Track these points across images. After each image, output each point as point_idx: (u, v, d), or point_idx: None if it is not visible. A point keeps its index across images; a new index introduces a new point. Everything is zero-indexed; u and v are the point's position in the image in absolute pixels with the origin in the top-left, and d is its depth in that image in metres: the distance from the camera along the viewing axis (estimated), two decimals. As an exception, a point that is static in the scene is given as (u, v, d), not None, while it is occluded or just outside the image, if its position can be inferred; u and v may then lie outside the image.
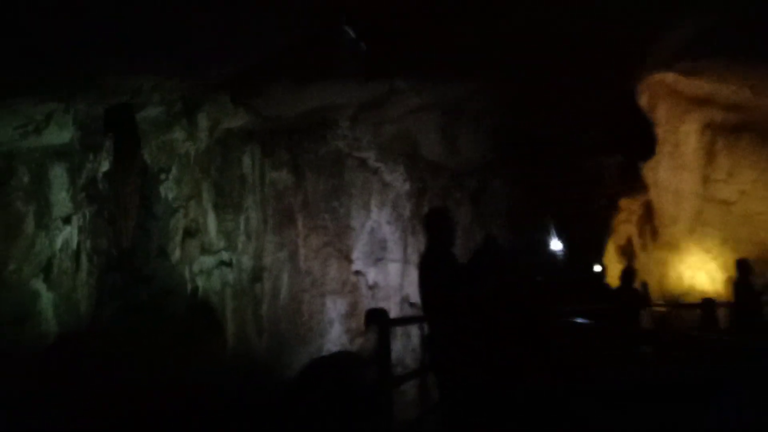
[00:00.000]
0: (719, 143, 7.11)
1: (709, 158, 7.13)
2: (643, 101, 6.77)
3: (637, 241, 7.39)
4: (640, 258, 7.31)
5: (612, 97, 6.39)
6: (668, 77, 6.60)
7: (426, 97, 5.57)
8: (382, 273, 6.20)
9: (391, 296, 6.18)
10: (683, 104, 7.00)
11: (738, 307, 5.13)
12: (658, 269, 7.16)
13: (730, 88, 6.36)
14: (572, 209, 6.29)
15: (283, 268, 5.97)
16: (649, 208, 7.26)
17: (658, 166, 7.07)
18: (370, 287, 6.17)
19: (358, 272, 6.16)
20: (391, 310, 5.67)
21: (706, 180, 7.07)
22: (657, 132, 6.91)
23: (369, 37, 4.58)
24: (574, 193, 6.37)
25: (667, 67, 6.32)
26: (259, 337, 5.87)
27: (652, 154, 6.90)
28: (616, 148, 6.74)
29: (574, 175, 6.42)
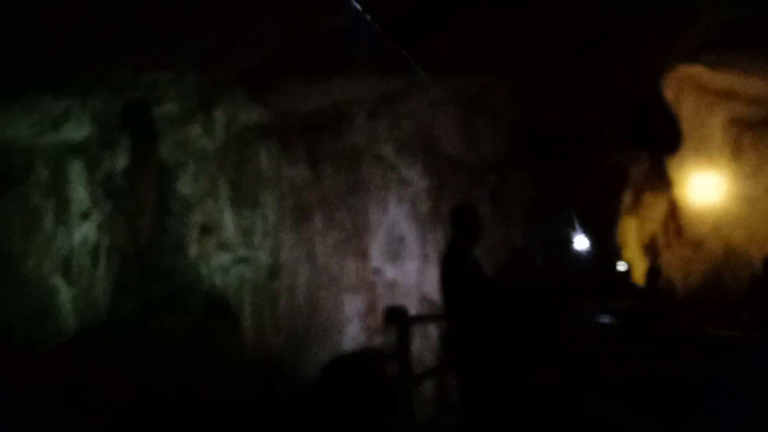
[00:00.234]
0: (746, 138, 6.97)
1: (736, 153, 6.99)
2: (668, 95, 6.64)
3: (661, 239, 7.25)
4: (664, 256, 7.16)
5: (635, 91, 6.27)
6: (693, 70, 6.47)
7: (444, 91, 5.50)
8: (400, 270, 6.12)
9: (410, 294, 6.10)
10: (709, 98, 6.86)
11: (760, 305, 4.98)
12: (683, 267, 7.01)
13: (757, 83, 6.22)
14: (595, 206, 6.17)
15: (301, 265, 5.93)
16: (673, 205, 7.12)
17: (682, 162, 6.94)
18: (388, 284, 6.10)
19: (375, 269, 6.10)
20: (409, 307, 5.60)
21: (733, 176, 6.93)
22: (682, 127, 6.77)
23: (387, 29, 4.53)
24: (596, 190, 6.26)
25: (693, 59, 6.19)
26: (277, 335, 5.83)
27: (677, 149, 6.75)
28: (639, 143, 6.61)
29: (597, 171, 6.30)
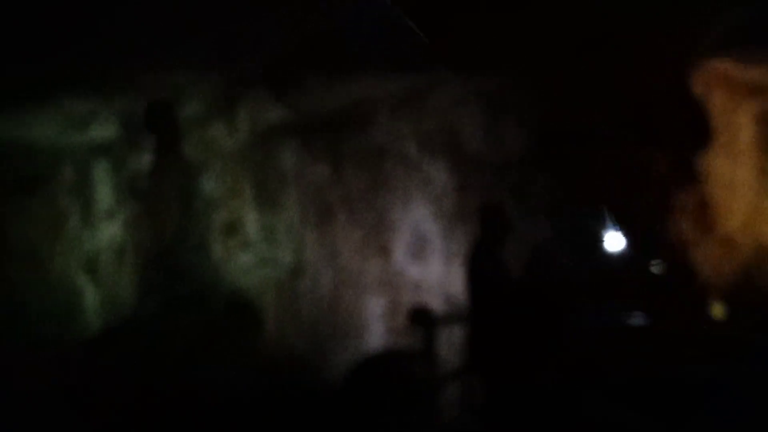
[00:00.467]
0: (777, 134, 6.84)
1: (766, 149, 6.86)
2: (697, 90, 6.53)
3: (690, 237, 7.11)
4: (694, 254, 7.03)
5: (663, 86, 6.18)
6: (723, 64, 6.35)
7: (468, 89, 5.49)
8: (424, 270, 6.08)
9: (434, 294, 6.05)
10: (739, 93, 6.73)
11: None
12: (713, 265, 6.88)
13: (789, 77, 6.11)
14: (623, 203, 6.07)
15: (323, 265, 5.93)
16: (702, 202, 6.98)
17: (712, 158, 6.80)
18: (412, 284, 6.06)
19: (399, 269, 6.06)
20: (433, 307, 5.58)
21: (763, 172, 6.79)
22: (711, 122, 6.64)
23: (412, 24, 4.52)
24: (624, 187, 6.15)
25: (723, 54, 6.09)
26: (299, 335, 5.83)
27: (707, 145, 6.62)
28: (668, 140, 6.49)
29: (624, 168, 6.20)
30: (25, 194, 5.86)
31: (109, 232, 5.92)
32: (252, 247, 5.87)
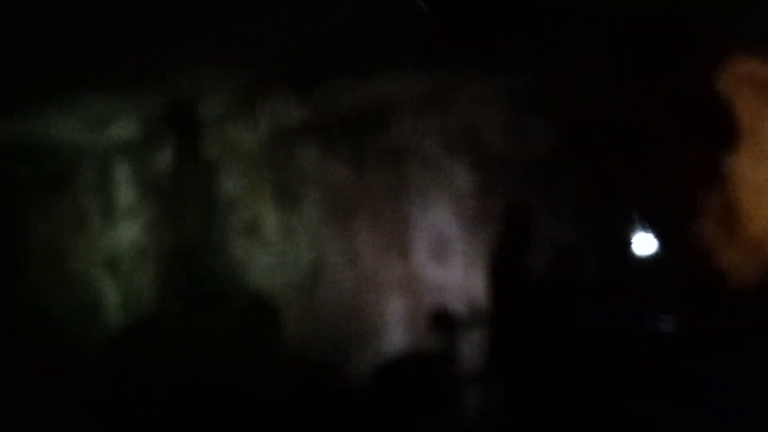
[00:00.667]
0: (805, 135, 6.70)
1: (795, 151, 6.73)
2: (724, 89, 6.42)
3: (716, 240, 6.99)
4: (720, 258, 6.91)
5: (690, 85, 6.09)
6: (751, 63, 6.23)
7: (492, 87, 5.44)
8: (445, 271, 6.02)
9: (455, 296, 5.99)
10: (767, 93, 6.62)
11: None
12: (740, 267, 6.76)
13: (818, 77, 5.98)
14: (648, 205, 5.97)
15: (343, 266, 5.90)
16: (730, 203, 6.86)
17: (738, 159, 6.68)
18: (433, 286, 6.01)
19: (420, 270, 6.01)
20: (454, 310, 5.54)
21: (792, 174, 6.67)
22: (738, 122, 6.53)
23: (436, 22, 4.47)
24: (650, 188, 6.06)
25: (750, 52, 5.98)
26: (320, 336, 5.81)
27: (734, 145, 6.50)
28: (694, 139, 6.39)
29: (650, 169, 6.10)
30: (47, 193, 5.91)
31: (131, 232, 5.95)
32: (272, 248, 5.87)
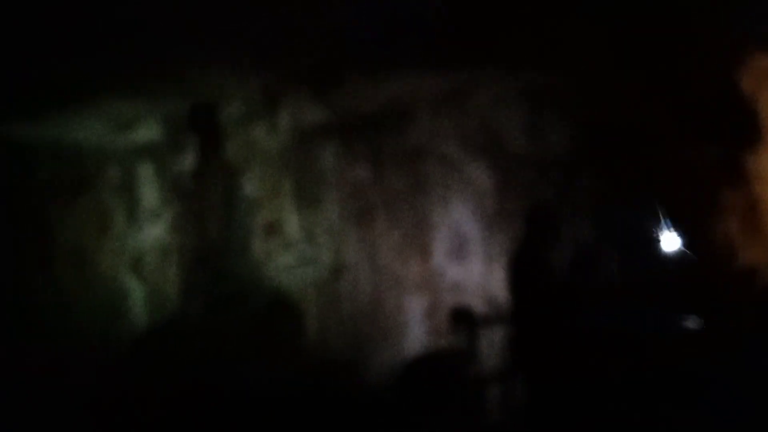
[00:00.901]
0: (828, 133, 6.60)
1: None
2: (745, 87, 6.36)
3: (738, 239, 6.91)
4: (742, 257, 6.83)
5: (711, 84, 6.03)
6: (773, 61, 6.17)
7: (510, 87, 5.44)
8: (464, 271, 6.04)
9: (473, 295, 6.00)
10: (789, 90, 6.54)
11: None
12: (762, 266, 6.68)
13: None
14: (669, 204, 5.93)
15: (363, 265, 5.94)
16: (751, 202, 6.78)
17: (761, 157, 6.61)
18: (452, 285, 6.03)
19: (438, 269, 6.03)
20: (473, 308, 5.54)
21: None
22: (760, 120, 6.46)
23: (453, 23, 4.49)
24: (670, 187, 6.01)
25: (772, 49, 5.91)
26: (340, 335, 5.86)
27: (756, 143, 6.43)
28: (715, 138, 6.33)
29: (671, 167, 6.05)
30: (72, 195, 6.01)
31: (154, 233, 6.03)
32: (293, 248, 5.91)
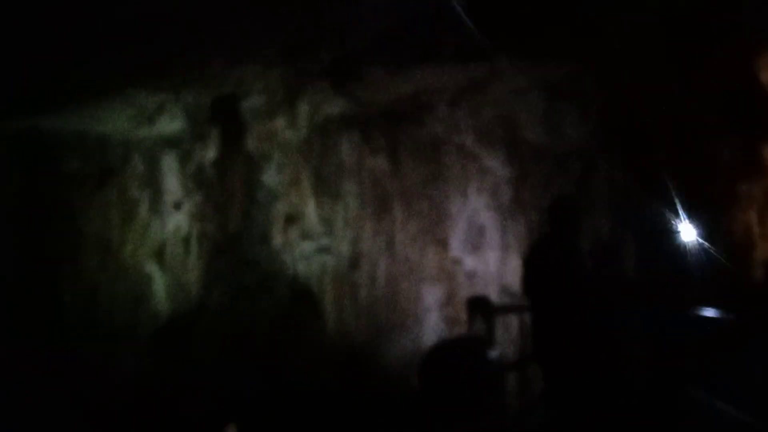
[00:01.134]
0: None
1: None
2: (764, 78, 6.28)
3: (756, 231, 6.85)
4: (760, 248, 6.77)
5: (729, 75, 5.97)
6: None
7: (528, 79, 5.40)
8: (481, 260, 6.07)
9: (490, 284, 6.04)
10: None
11: None
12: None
13: None
14: (688, 196, 5.89)
15: (381, 255, 6.00)
16: (770, 194, 6.71)
17: (780, 149, 6.53)
18: (468, 275, 6.07)
19: (455, 260, 6.07)
20: (489, 298, 5.54)
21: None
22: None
23: (471, 16, 4.49)
24: (689, 178, 5.98)
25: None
26: (358, 323, 5.92)
27: (774, 135, 6.35)
28: (734, 130, 6.27)
29: (689, 159, 6.02)
30: (98, 186, 6.11)
31: (177, 222, 6.11)
32: (312, 237, 5.97)
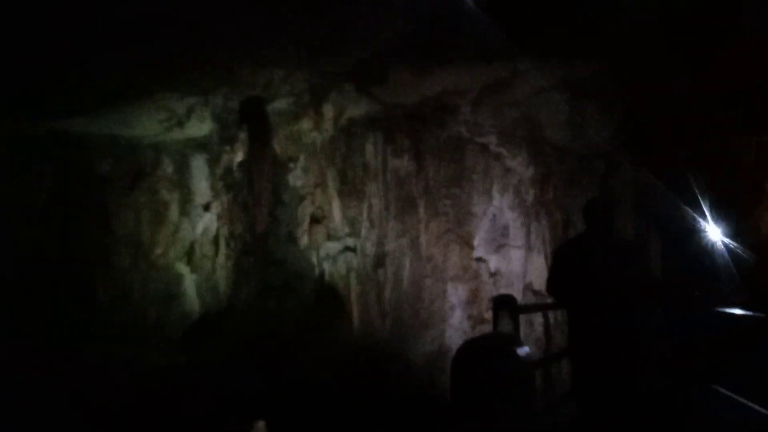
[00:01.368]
0: None
1: None
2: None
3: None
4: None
5: (751, 72, 5.93)
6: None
7: (551, 79, 5.39)
8: (504, 260, 6.11)
9: (513, 283, 6.08)
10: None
11: None
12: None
13: None
14: (712, 195, 5.87)
15: (405, 254, 6.04)
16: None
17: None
18: (492, 274, 6.10)
19: (479, 259, 6.11)
20: (513, 297, 5.56)
21: None
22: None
23: (494, 16, 4.51)
24: (713, 177, 5.96)
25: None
26: (383, 322, 5.98)
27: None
28: (758, 128, 6.23)
29: (713, 158, 5.99)
30: (129, 188, 6.26)
31: (206, 223, 6.24)
32: (337, 237, 6.05)
